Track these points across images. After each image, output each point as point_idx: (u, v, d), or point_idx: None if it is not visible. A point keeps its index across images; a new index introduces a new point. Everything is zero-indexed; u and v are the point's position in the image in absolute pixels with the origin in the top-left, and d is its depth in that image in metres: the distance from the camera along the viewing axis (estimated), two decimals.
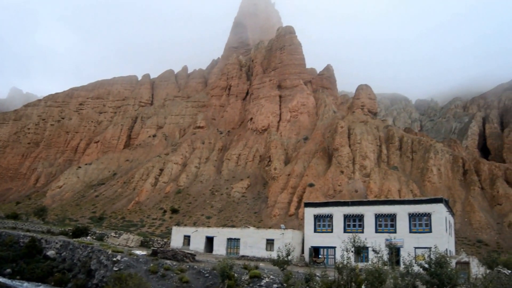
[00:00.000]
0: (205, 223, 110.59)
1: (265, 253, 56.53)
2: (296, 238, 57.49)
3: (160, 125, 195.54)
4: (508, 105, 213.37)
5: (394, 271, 28.68)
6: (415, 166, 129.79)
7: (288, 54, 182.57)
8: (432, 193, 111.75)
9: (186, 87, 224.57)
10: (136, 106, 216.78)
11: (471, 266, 43.59)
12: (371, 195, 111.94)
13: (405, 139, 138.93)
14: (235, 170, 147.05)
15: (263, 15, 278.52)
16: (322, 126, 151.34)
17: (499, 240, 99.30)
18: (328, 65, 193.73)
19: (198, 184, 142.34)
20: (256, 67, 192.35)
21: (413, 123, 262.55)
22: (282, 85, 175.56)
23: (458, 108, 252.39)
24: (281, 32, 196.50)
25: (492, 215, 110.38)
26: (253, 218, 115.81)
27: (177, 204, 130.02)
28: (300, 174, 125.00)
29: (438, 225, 50.94)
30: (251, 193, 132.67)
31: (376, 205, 56.63)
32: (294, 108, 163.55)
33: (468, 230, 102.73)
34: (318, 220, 57.87)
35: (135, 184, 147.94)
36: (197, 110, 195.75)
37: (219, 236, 62.39)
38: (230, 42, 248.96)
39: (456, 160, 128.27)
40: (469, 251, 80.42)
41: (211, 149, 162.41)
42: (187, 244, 64.60)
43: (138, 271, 38.35)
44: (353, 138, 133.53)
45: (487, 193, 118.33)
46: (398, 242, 49.18)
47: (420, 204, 53.37)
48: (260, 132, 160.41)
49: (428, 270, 26.72)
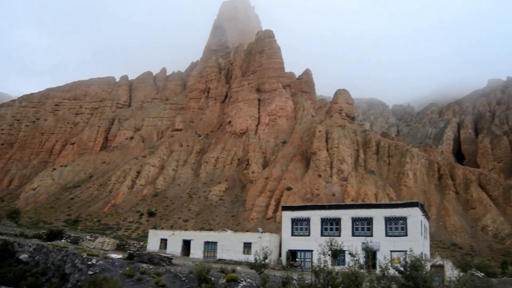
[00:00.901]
0: (182, 226, 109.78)
1: (242, 257, 56.27)
2: (273, 241, 57.42)
3: (137, 127, 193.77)
4: (482, 112, 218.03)
5: (370, 274, 28.85)
6: (391, 170, 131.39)
7: (267, 58, 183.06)
8: (408, 197, 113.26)
9: (164, 89, 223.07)
10: (113, 107, 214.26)
11: (446, 269, 44.20)
12: (348, 199, 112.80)
13: (382, 143, 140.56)
14: (213, 173, 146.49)
15: (242, 18, 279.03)
16: (300, 130, 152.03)
17: (473, 243, 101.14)
18: (307, 70, 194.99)
19: (176, 187, 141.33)
20: (235, 70, 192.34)
21: (390, 128, 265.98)
22: (261, 88, 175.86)
23: (434, 113, 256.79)
24: (261, 35, 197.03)
25: (466, 219, 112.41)
26: (230, 221, 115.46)
27: (154, 207, 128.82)
28: (278, 178, 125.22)
29: (414, 229, 51.52)
30: (229, 196, 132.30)
31: (353, 208, 56.96)
32: (273, 112, 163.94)
33: (443, 234, 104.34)
34: (295, 223, 57.92)
35: (111, 187, 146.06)
36: (175, 113, 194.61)
37: (196, 240, 61.89)
38: (209, 45, 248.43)
39: (431, 164, 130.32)
40: (444, 255, 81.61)
41: (189, 152, 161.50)
42: (164, 248, 63.93)
43: (113, 275, 37.74)
44: (330, 142, 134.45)
45: (461, 197, 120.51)
46: (374, 245, 49.53)
47: (396, 208, 53.92)
48: (239, 135, 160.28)
49: (404, 273, 26.97)
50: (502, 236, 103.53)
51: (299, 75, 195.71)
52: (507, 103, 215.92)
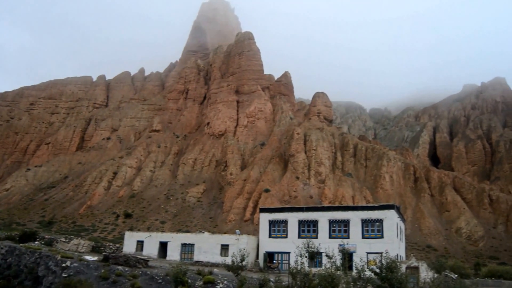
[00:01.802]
0: (159, 228, 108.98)
1: (219, 259, 56.12)
2: (251, 243, 57.39)
3: (114, 128, 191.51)
4: (457, 116, 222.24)
5: (346, 276, 29.04)
6: (368, 173, 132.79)
7: (246, 60, 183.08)
8: (384, 199, 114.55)
9: (142, 89, 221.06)
10: (90, 107, 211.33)
11: (420, 271, 44.77)
12: (325, 201, 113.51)
13: (359, 146, 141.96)
14: (191, 175, 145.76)
15: (222, 20, 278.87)
16: (279, 132, 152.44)
17: (447, 245, 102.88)
18: (286, 72, 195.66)
19: (153, 188, 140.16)
20: (214, 71, 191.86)
21: (367, 131, 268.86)
22: (240, 90, 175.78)
23: (410, 117, 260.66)
24: (240, 37, 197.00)
25: (441, 221, 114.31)
26: (208, 223, 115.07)
27: (131, 208, 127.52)
28: (256, 180, 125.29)
29: (390, 231, 52.11)
30: (206, 198, 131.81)
31: (330, 211, 57.35)
32: (251, 114, 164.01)
33: (418, 236, 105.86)
34: (273, 225, 57.99)
35: (87, 188, 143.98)
36: (153, 113, 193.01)
37: (173, 242, 61.46)
38: (188, 46, 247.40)
39: (407, 168, 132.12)
40: (419, 256, 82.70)
41: (166, 153, 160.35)
42: (140, 250, 63.30)
43: (88, 278, 37.20)
44: (309, 145, 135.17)
45: (436, 200, 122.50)
46: (351, 247, 49.91)
47: (373, 211, 54.47)
48: (217, 137, 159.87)
49: (379, 274, 27.23)
50: (476, 238, 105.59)
51: (278, 78, 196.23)
52: (481, 108, 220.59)
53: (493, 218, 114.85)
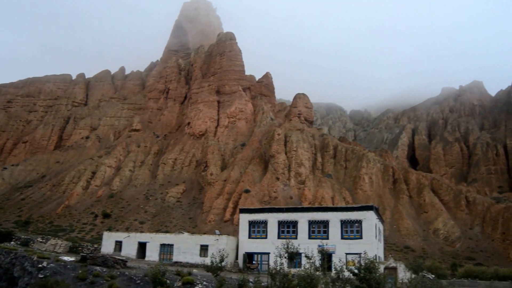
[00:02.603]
0: (138, 229, 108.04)
1: (199, 259, 55.88)
2: (230, 244, 57.26)
3: (94, 127, 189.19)
4: (436, 118, 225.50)
5: (325, 276, 29.14)
6: (348, 174, 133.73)
7: (228, 60, 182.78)
8: (364, 200, 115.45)
9: (122, 88, 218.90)
10: (69, 106, 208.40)
11: (398, 271, 45.19)
12: (305, 202, 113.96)
13: (339, 148, 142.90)
14: (171, 175, 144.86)
15: (204, 20, 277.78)
16: (260, 132, 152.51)
17: (425, 246, 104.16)
18: (267, 73, 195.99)
19: (132, 188, 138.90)
20: (195, 71, 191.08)
21: (347, 133, 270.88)
22: (221, 90, 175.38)
23: (390, 119, 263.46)
24: (222, 37, 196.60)
25: (419, 222, 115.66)
26: (188, 223, 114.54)
27: (109, 208, 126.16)
28: (236, 180, 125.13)
29: (368, 232, 52.52)
30: (186, 198, 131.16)
31: (309, 211, 57.57)
32: (232, 114, 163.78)
33: (397, 237, 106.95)
34: (253, 226, 57.95)
35: (65, 187, 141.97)
36: (134, 113, 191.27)
37: (152, 242, 60.99)
38: (169, 45, 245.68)
39: (386, 169, 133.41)
40: (397, 257, 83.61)
41: (146, 153, 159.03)
42: (118, 250, 62.64)
43: (65, 278, 36.67)
44: (289, 146, 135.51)
45: (415, 201, 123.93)
46: (330, 248, 50.12)
47: (352, 211, 54.85)
48: (197, 137, 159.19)
49: (358, 275, 27.39)
50: (453, 239, 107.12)
51: (259, 78, 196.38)
52: (459, 111, 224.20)
53: (470, 219, 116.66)
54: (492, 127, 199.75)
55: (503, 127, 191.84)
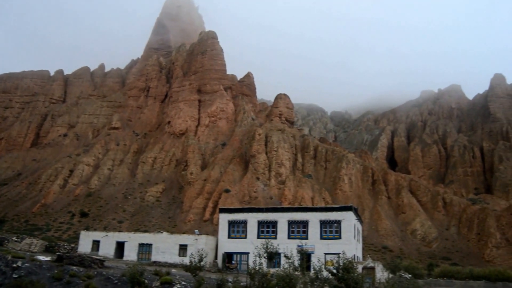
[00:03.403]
0: (116, 228, 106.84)
1: (177, 259, 55.64)
2: (209, 243, 57.09)
3: (72, 124, 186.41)
4: (415, 121, 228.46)
5: (304, 276, 29.18)
6: (328, 175, 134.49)
7: (209, 59, 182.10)
8: (343, 201, 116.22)
9: (102, 86, 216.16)
10: (46, 102, 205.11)
11: (376, 271, 45.56)
12: (285, 202, 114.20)
13: (320, 148, 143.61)
14: (150, 174, 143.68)
15: (186, 18, 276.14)
16: (240, 132, 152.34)
17: (402, 246, 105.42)
18: (249, 73, 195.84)
19: (111, 187, 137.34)
20: (176, 70, 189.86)
21: (328, 134, 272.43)
22: (202, 89, 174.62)
23: (369, 121, 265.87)
24: (204, 36, 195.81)
25: (397, 223, 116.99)
26: (167, 223, 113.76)
27: (87, 207, 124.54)
28: (217, 180, 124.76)
29: (347, 232, 52.90)
30: (166, 197, 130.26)
31: (289, 212, 57.80)
32: (213, 113, 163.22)
33: (375, 237, 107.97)
34: (232, 226, 57.89)
35: (41, 185, 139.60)
36: (113, 111, 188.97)
37: (130, 241, 60.51)
38: (150, 43, 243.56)
39: (366, 170, 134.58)
40: (375, 257, 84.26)
41: (125, 151, 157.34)
42: (96, 250, 62.00)
43: (40, 278, 36.00)
44: (270, 146, 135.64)
45: (393, 202, 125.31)
46: (309, 248, 50.26)
47: (331, 212, 55.22)
48: (178, 136, 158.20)
49: (336, 275, 27.50)
50: (429, 240, 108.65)
51: (241, 78, 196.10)
52: (437, 114, 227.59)
53: (447, 220, 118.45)
54: (469, 130, 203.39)
55: (480, 130, 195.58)
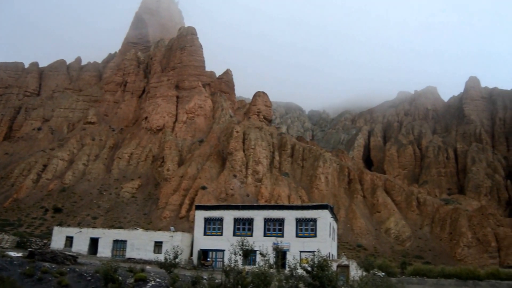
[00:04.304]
0: (90, 224, 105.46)
1: (152, 256, 55.32)
2: (185, 240, 56.89)
3: (46, 118, 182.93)
4: (391, 121, 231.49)
5: (279, 274, 29.29)
6: (305, 173, 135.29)
7: (188, 55, 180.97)
8: (319, 199, 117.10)
9: (78, 79, 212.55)
10: (20, 95, 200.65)
11: (350, 269, 46.05)
12: (262, 199, 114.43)
13: (297, 147, 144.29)
14: (126, 170, 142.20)
15: (165, 13, 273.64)
16: (218, 129, 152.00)
17: (376, 245, 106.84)
18: (228, 70, 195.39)
19: (85, 182, 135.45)
20: (154, 65, 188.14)
21: (305, 132, 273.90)
22: (180, 85, 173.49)
23: (347, 120, 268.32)
24: (183, 32, 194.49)
25: (372, 221, 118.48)
26: (142, 219, 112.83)
27: (61, 203, 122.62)
28: (193, 177, 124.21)
29: (323, 230, 53.33)
30: (141, 193, 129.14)
31: (265, 209, 57.98)
32: (191, 110, 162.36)
33: (350, 235, 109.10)
34: (208, 223, 57.77)
35: (14, 180, 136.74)
36: (89, 105, 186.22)
37: (105, 238, 59.94)
38: (129, 37, 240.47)
39: (342, 169, 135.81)
40: (350, 255, 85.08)
41: (101, 146, 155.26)
42: (69, 246, 61.25)
43: (11, 275, 35.32)
44: (247, 143, 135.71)
45: (368, 201, 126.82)
46: (284, 245, 50.60)
47: (307, 210, 55.58)
48: (155, 132, 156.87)
49: (311, 272, 27.67)
50: (403, 239, 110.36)
51: (220, 75, 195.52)
52: (413, 115, 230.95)
53: (420, 219, 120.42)
54: (444, 131, 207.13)
55: (454, 131, 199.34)
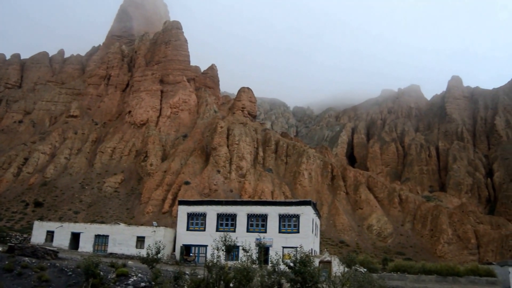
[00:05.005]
0: (72, 218, 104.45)
1: (135, 251, 54.94)
2: (168, 236, 56.61)
3: (28, 111, 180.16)
4: (375, 119, 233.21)
5: (261, 269, 29.34)
6: (288, 169, 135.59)
7: (173, 49, 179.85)
8: (302, 195, 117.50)
9: (61, 72, 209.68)
10: (1, 87, 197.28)
11: (333, 265, 46.32)
12: (245, 195, 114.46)
13: (281, 143, 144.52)
14: (109, 164, 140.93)
15: (150, 6, 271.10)
16: (202, 124, 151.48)
17: (359, 241, 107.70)
18: (213, 65, 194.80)
19: (67, 176, 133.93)
20: (139, 59, 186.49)
21: (289, 128, 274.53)
22: (164, 80, 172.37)
23: (331, 117, 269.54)
24: (168, 26, 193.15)
25: (354, 218, 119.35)
26: (125, 214, 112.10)
27: (42, 197, 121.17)
28: (177, 172, 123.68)
29: (305, 226, 53.53)
30: (124, 188, 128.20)
31: (249, 205, 57.94)
32: (175, 105, 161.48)
33: (332, 231, 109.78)
34: (191, 218, 57.57)
35: None
36: (72, 98, 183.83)
37: (86, 233, 59.29)
38: (113, 30, 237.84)
39: (325, 166, 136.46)
40: (332, 251, 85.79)
41: (84, 140, 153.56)
42: (50, 241, 60.41)
43: None
44: (231, 139, 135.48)
45: (351, 197, 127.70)
46: (267, 241, 50.64)
47: (290, 206, 55.73)
48: (138, 126, 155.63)
49: (293, 268, 27.77)
50: (385, 235, 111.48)
51: (204, 70, 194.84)
52: (396, 113, 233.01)
53: (402, 216, 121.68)
54: (426, 129, 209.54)
55: (436, 130, 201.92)
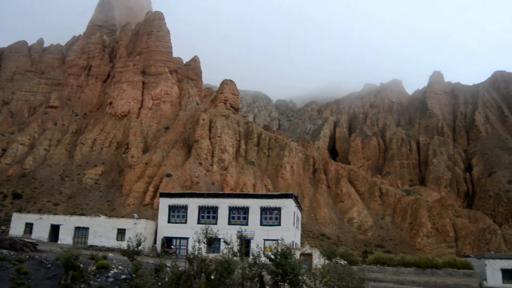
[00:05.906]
0: (51, 210, 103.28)
1: (115, 243, 54.54)
2: (149, 228, 56.32)
3: (6, 101, 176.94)
4: (357, 112, 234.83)
5: (243, 261, 29.38)
6: (270, 162, 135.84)
7: (155, 40, 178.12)
8: (284, 188, 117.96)
9: (40, 62, 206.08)
10: None
11: (313, 258, 46.64)
12: (227, 188, 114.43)
13: (263, 136, 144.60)
14: (89, 156, 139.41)
15: None
16: (184, 116, 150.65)
17: (339, 234, 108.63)
18: (195, 57, 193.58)
19: (47, 168, 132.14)
20: (120, 49, 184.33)
21: (272, 122, 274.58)
22: (146, 71, 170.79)
23: (313, 111, 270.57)
24: (150, 16, 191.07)
25: (335, 211, 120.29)
26: (105, 206, 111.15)
27: (21, 188, 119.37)
28: (158, 164, 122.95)
29: (287, 219, 53.74)
30: (105, 180, 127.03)
31: (230, 198, 57.96)
32: (157, 96, 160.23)
33: (314, 224, 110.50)
34: (172, 210, 57.35)
35: None
36: (51, 88, 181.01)
37: (66, 225, 58.65)
38: (94, 20, 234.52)
39: (307, 159, 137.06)
40: (313, 244, 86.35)
41: (64, 132, 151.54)
42: (29, 233, 59.65)
43: None
44: (213, 131, 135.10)
45: (332, 191, 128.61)
46: (249, 234, 50.76)
47: (272, 199, 55.88)
48: (119, 118, 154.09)
49: (274, 260, 27.87)
50: (365, 228, 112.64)
51: (187, 62, 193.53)
52: (378, 107, 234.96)
53: (382, 209, 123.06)
54: (407, 124, 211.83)
55: (417, 124, 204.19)
